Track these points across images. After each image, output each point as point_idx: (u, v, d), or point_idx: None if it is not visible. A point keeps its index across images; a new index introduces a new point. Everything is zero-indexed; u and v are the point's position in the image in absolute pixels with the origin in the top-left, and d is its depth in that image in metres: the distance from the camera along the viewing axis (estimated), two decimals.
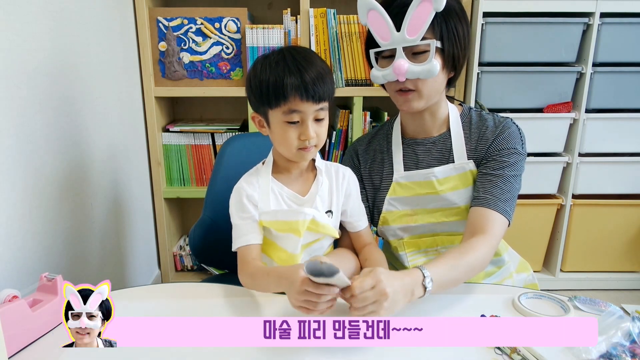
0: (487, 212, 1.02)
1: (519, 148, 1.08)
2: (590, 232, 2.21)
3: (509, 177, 1.05)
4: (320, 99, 0.92)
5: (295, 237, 0.99)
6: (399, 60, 0.99)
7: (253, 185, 1.00)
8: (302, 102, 0.91)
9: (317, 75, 0.91)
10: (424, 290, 0.86)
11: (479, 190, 1.06)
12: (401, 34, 0.99)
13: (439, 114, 1.13)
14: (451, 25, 1.01)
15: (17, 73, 1.12)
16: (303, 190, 1.03)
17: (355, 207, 1.09)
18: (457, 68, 1.07)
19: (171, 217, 2.24)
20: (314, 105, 0.92)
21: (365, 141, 1.23)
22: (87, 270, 1.48)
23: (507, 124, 1.10)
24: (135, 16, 1.92)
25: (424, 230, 1.14)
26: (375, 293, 0.78)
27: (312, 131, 0.93)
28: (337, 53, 1.96)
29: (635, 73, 2.02)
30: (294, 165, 1.02)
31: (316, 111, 0.93)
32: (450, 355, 0.78)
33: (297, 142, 0.94)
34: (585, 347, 0.76)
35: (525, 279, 1.22)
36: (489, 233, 1.00)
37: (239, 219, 1.00)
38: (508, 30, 1.97)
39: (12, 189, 1.11)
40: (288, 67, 0.91)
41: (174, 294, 1.00)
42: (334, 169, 1.07)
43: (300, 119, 0.93)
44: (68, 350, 0.78)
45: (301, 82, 0.89)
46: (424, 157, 1.14)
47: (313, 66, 0.92)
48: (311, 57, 0.95)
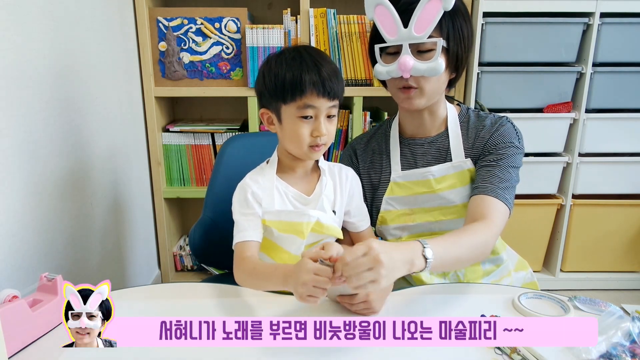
0: (487, 198, 1.01)
1: (515, 142, 1.08)
2: (590, 232, 2.21)
3: (506, 167, 1.05)
4: (335, 95, 0.94)
5: (298, 239, 0.98)
6: (405, 57, 1.00)
7: (258, 183, 1.00)
8: (318, 97, 0.92)
9: (332, 72, 0.93)
10: (424, 260, 0.81)
11: (478, 181, 1.06)
12: (408, 31, 0.99)
13: (438, 114, 1.13)
14: (457, 25, 1.02)
15: (17, 73, 1.12)
16: (308, 190, 1.03)
17: (358, 207, 1.10)
18: (459, 69, 1.08)
19: (171, 217, 2.24)
20: (329, 101, 0.93)
21: (363, 141, 1.23)
22: (87, 270, 1.48)
23: (502, 121, 1.11)
24: (135, 16, 1.92)
25: (422, 229, 1.14)
26: (369, 259, 0.74)
27: (325, 128, 0.94)
28: (337, 53, 1.96)
29: (635, 73, 2.02)
30: (299, 165, 1.02)
31: (329, 108, 0.95)
32: (450, 355, 0.78)
33: (309, 139, 0.94)
34: (585, 347, 0.76)
35: (524, 277, 1.22)
36: (489, 218, 0.97)
37: (240, 214, 0.99)
38: (508, 30, 1.97)
39: (12, 188, 1.11)
40: (306, 63, 0.92)
41: (174, 294, 1.00)
42: (337, 169, 1.07)
43: (314, 115, 0.94)
44: (68, 350, 0.78)
45: (319, 77, 0.91)
46: (422, 156, 1.14)
47: (328, 64, 0.94)
48: (325, 55, 0.97)
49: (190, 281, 2.10)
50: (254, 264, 0.93)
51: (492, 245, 0.99)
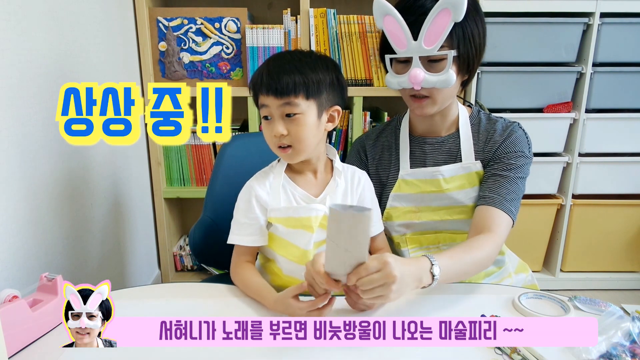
0: (493, 211, 1.03)
1: (526, 152, 1.09)
2: (590, 232, 2.21)
3: (515, 179, 1.06)
4: (282, 93, 0.89)
5: (307, 233, 0.98)
6: (415, 70, 0.98)
7: (264, 185, 1.00)
8: (267, 96, 0.91)
9: (289, 69, 0.90)
10: (432, 278, 0.85)
11: (485, 190, 1.07)
12: (418, 43, 0.97)
13: (449, 115, 1.13)
14: (468, 32, 1.00)
15: (17, 73, 1.12)
16: (316, 192, 1.01)
17: None
18: (472, 71, 1.07)
19: (171, 217, 2.24)
20: (278, 99, 0.90)
21: (373, 136, 1.23)
22: (87, 270, 1.48)
23: (514, 127, 1.11)
24: (135, 16, 1.92)
25: (427, 227, 1.15)
26: (382, 276, 0.77)
27: (280, 128, 0.91)
28: (337, 53, 1.96)
29: (635, 73, 2.02)
30: (306, 167, 1.01)
31: (282, 106, 0.91)
32: (450, 355, 0.78)
33: (273, 140, 0.94)
34: (585, 347, 0.76)
35: (525, 279, 1.22)
36: (494, 232, 1.00)
37: (243, 216, 0.99)
38: (508, 30, 1.97)
39: (12, 189, 1.11)
40: (267, 64, 0.93)
41: (174, 294, 1.00)
42: (351, 173, 1.06)
43: (269, 114, 0.93)
44: (68, 350, 0.78)
45: (267, 75, 0.90)
46: (432, 155, 1.14)
47: (292, 63, 0.91)
48: (301, 55, 0.94)
49: (190, 281, 2.10)
50: (248, 276, 0.97)
51: (495, 255, 1.01)
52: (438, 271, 0.85)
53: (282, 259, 1.02)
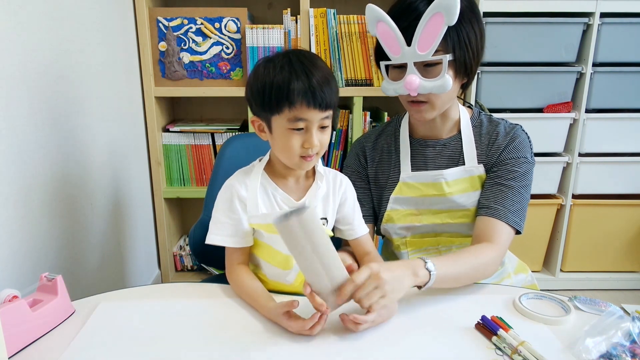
0: (496, 223, 1.03)
1: (528, 157, 1.09)
2: (590, 232, 2.21)
3: (519, 188, 1.06)
4: (327, 106, 0.88)
5: None
6: (410, 76, 0.98)
7: (245, 184, 0.97)
8: (308, 109, 0.86)
9: (324, 80, 0.87)
10: (428, 273, 0.86)
11: (489, 200, 1.06)
12: (412, 49, 0.96)
13: (450, 118, 1.13)
14: (463, 35, 0.97)
15: (16, 73, 1.12)
16: (298, 196, 1.00)
17: (349, 213, 1.06)
18: (471, 74, 1.05)
19: (171, 217, 2.24)
20: (321, 113, 0.88)
21: (372, 138, 1.22)
22: (87, 270, 1.48)
23: (517, 131, 1.10)
24: (135, 16, 1.92)
25: (427, 230, 1.14)
26: (373, 280, 0.79)
27: (317, 139, 0.89)
28: (337, 53, 1.96)
29: (635, 73, 2.02)
30: (291, 172, 0.99)
31: (322, 119, 0.89)
32: (450, 355, 0.78)
33: (300, 150, 0.90)
34: (585, 347, 0.76)
35: (524, 280, 1.22)
36: (496, 242, 1.00)
37: (226, 217, 0.97)
38: (508, 30, 1.97)
39: (11, 188, 1.11)
40: (295, 71, 0.86)
41: (174, 294, 1.00)
42: (332, 176, 1.05)
43: (305, 127, 0.89)
44: (68, 350, 0.78)
45: (309, 87, 0.85)
46: (434, 158, 1.13)
47: (320, 71, 0.88)
48: (317, 61, 0.90)
49: (190, 281, 2.09)
50: (242, 279, 0.96)
51: (496, 266, 1.01)
52: (432, 266, 0.86)
53: (265, 264, 1.01)
